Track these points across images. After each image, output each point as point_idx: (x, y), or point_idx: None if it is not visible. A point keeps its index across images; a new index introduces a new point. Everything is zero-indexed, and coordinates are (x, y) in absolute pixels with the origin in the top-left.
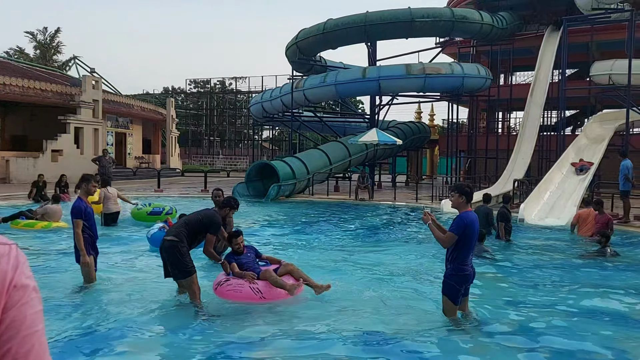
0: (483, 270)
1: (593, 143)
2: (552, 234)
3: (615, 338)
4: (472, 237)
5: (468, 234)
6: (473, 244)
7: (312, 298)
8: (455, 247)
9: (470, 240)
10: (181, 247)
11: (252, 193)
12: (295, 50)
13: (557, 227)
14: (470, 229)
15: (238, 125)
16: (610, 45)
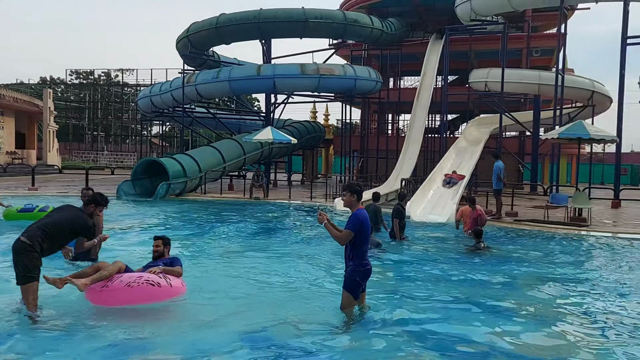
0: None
1: (471, 145)
2: (438, 230)
3: (484, 327)
4: (367, 233)
5: (363, 230)
6: (368, 239)
7: (203, 302)
8: (354, 244)
9: (366, 236)
10: (31, 250)
11: (139, 192)
12: (186, 43)
13: (439, 223)
14: (365, 225)
15: (125, 119)
16: (487, 54)
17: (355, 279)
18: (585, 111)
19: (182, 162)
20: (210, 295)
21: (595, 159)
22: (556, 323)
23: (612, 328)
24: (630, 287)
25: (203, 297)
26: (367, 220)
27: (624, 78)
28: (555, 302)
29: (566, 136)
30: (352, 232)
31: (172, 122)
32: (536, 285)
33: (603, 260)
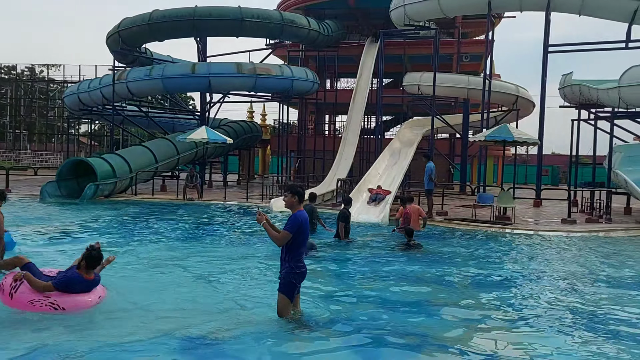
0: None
1: (405, 146)
2: (372, 230)
3: (415, 322)
4: (305, 235)
5: (302, 232)
6: (306, 242)
7: (130, 309)
8: (291, 245)
9: (304, 238)
10: None
11: (65, 193)
12: (117, 39)
13: (373, 224)
14: (304, 227)
15: (50, 117)
16: (420, 58)
17: (290, 281)
18: (510, 115)
19: (111, 162)
20: (138, 302)
21: (519, 160)
22: (481, 316)
23: (530, 317)
24: (546, 279)
25: (130, 304)
26: (306, 222)
27: (546, 84)
28: (480, 295)
29: (492, 138)
30: (290, 233)
31: (101, 121)
32: (461, 281)
33: (523, 256)
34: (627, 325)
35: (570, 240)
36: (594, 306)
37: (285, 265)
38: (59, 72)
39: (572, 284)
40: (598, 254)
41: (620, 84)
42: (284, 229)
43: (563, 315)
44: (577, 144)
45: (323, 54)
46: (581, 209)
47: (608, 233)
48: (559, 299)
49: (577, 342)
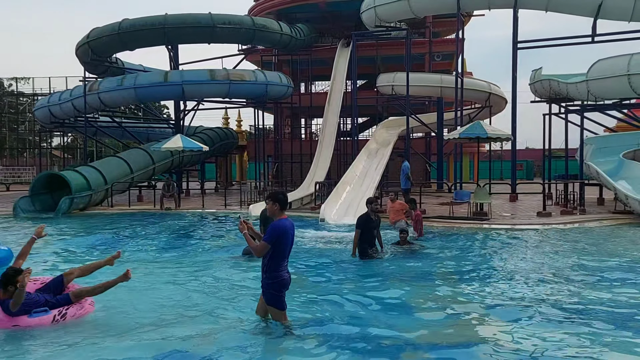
0: None
1: (381, 147)
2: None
3: (397, 323)
4: (286, 244)
5: (282, 241)
6: (287, 251)
7: (113, 319)
8: (270, 256)
9: (285, 247)
10: None
11: (40, 208)
12: (87, 50)
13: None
14: (284, 238)
15: (21, 131)
16: (392, 59)
17: (272, 293)
18: (483, 112)
19: (85, 174)
20: (120, 312)
21: (494, 156)
22: (462, 311)
23: (512, 309)
24: (525, 272)
25: (112, 314)
26: (286, 231)
27: (517, 80)
28: (460, 291)
29: (466, 136)
30: (269, 244)
31: (74, 133)
32: (441, 278)
33: (501, 251)
34: (610, 312)
35: (547, 232)
36: (576, 295)
37: (265, 276)
38: (28, 85)
39: (550, 275)
40: (574, 244)
41: (588, 78)
42: (263, 239)
43: (545, 307)
44: (550, 138)
45: (296, 57)
46: (556, 202)
47: (583, 224)
48: (538, 291)
49: (563, 331)
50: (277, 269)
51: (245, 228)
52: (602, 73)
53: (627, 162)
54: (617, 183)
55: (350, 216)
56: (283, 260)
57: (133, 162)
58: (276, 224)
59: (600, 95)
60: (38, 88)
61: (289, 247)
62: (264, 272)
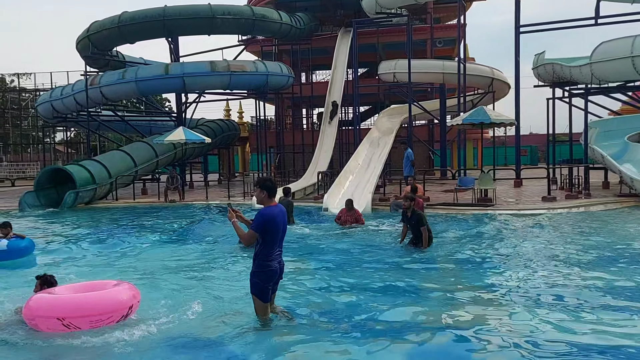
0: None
1: (384, 135)
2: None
3: (406, 308)
4: (276, 232)
5: (270, 229)
6: (277, 239)
7: None
8: (260, 243)
9: (274, 235)
10: None
11: (45, 203)
12: (87, 44)
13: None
14: (272, 224)
15: (25, 127)
16: (394, 46)
17: (255, 282)
18: (486, 97)
19: (89, 168)
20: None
21: (498, 142)
22: (470, 298)
23: (518, 296)
24: (532, 258)
25: None
26: (273, 218)
27: (519, 65)
28: (467, 278)
29: (469, 121)
30: (256, 232)
31: (77, 127)
32: (448, 264)
33: (507, 236)
34: (619, 295)
35: (552, 217)
36: (583, 279)
37: (253, 264)
38: (30, 80)
39: (557, 259)
40: (580, 228)
41: (591, 61)
42: (250, 227)
43: (554, 291)
44: (554, 122)
45: (296, 47)
46: (560, 186)
47: (588, 208)
48: (547, 275)
49: (572, 315)
50: (266, 258)
51: (234, 216)
52: (606, 55)
53: (632, 145)
54: (622, 166)
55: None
56: (273, 248)
57: (136, 155)
58: (263, 211)
59: (604, 78)
60: (40, 83)
61: (280, 234)
62: (254, 261)
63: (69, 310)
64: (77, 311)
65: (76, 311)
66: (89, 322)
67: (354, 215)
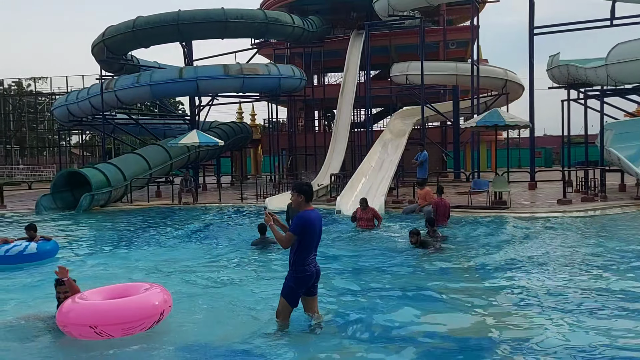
0: None
1: (396, 137)
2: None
3: (426, 312)
4: (313, 236)
5: (308, 233)
6: (314, 243)
7: None
8: (297, 247)
9: (311, 239)
10: None
11: (61, 205)
12: (102, 48)
13: None
14: (310, 228)
15: (41, 130)
16: (406, 48)
17: (289, 285)
18: (500, 99)
19: (105, 171)
20: None
21: (512, 144)
22: (486, 302)
23: (536, 300)
24: (548, 262)
25: None
26: (312, 222)
27: (534, 66)
28: (484, 282)
29: (483, 124)
30: (294, 235)
31: (92, 131)
32: (464, 268)
33: (522, 239)
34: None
35: (568, 220)
36: (600, 283)
37: (290, 269)
38: (46, 84)
39: (574, 263)
40: (596, 231)
41: (607, 62)
42: (289, 230)
43: (571, 296)
44: (569, 124)
45: (309, 50)
46: (576, 189)
47: (604, 211)
48: (565, 280)
49: (590, 321)
50: (303, 262)
51: (271, 219)
52: (622, 57)
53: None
54: (639, 168)
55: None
56: (310, 253)
57: (151, 158)
58: (302, 214)
59: (620, 79)
60: (56, 87)
61: (316, 239)
62: (290, 265)
63: (101, 317)
64: (110, 319)
65: (109, 319)
66: (121, 329)
67: (371, 213)
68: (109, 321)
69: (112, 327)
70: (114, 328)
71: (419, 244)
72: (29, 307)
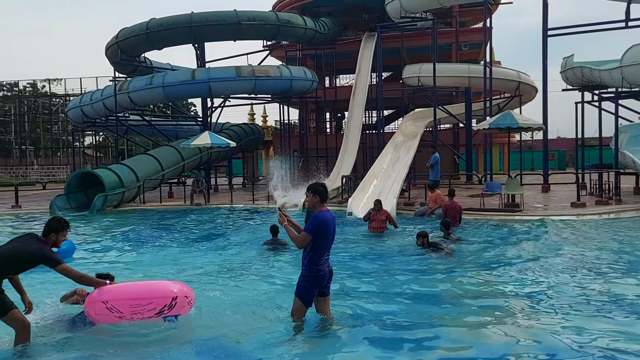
0: None
1: (408, 139)
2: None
3: (439, 315)
4: (327, 236)
5: (323, 233)
6: (328, 244)
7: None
8: (311, 247)
9: (326, 239)
10: None
11: (75, 206)
12: (116, 50)
13: None
14: (325, 229)
15: (55, 131)
16: (418, 50)
17: (304, 285)
18: (513, 101)
19: (118, 172)
20: None
21: (525, 146)
22: (499, 305)
23: (548, 305)
24: (561, 265)
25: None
26: (327, 223)
27: (547, 68)
28: (497, 284)
29: (496, 126)
30: (310, 234)
31: (105, 132)
32: (476, 271)
33: (535, 242)
34: None
35: (582, 223)
36: (615, 288)
37: (304, 268)
38: (60, 86)
39: (588, 267)
40: (611, 235)
41: (622, 64)
42: (304, 230)
43: (585, 300)
44: (582, 126)
45: (321, 51)
46: (590, 192)
47: (619, 214)
48: (579, 284)
49: (610, 326)
50: (317, 262)
51: (285, 220)
52: (637, 59)
53: None
54: None
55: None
56: (324, 253)
57: (163, 159)
58: (317, 214)
59: (635, 81)
60: (70, 89)
61: (330, 239)
62: (304, 264)
63: (112, 293)
64: (119, 294)
65: (118, 294)
66: (129, 305)
67: (384, 215)
68: (118, 296)
69: (121, 302)
70: (122, 304)
71: (427, 245)
72: (45, 305)
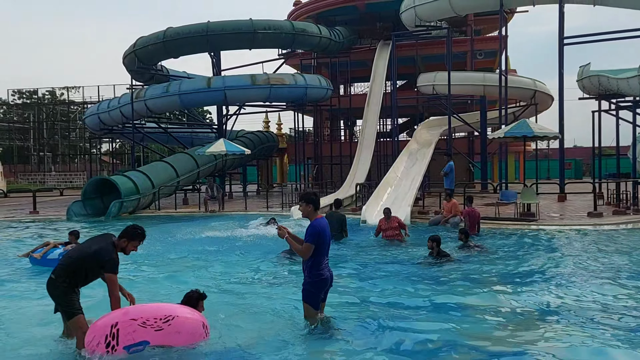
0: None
1: (422, 147)
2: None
3: (453, 327)
4: (325, 242)
5: (322, 241)
6: (326, 249)
7: None
8: (313, 254)
9: (324, 245)
10: (59, 284)
11: (91, 212)
12: (133, 58)
13: None
14: (323, 235)
15: (72, 138)
16: (433, 58)
17: (309, 290)
18: (529, 110)
19: (134, 178)
20: None
21: (541, 155)
22: (514, 315)
23: (564, 316)
24: (577, 275)
25: None
26: (325, 230)
27: (563, 77)
28: (511, 295)
29: (512, 135)
30: (312, 244)
31: (122, 139)
32: (490, 280)
33: (550, 252)
34: None
35: (599, 233)
36: (633, 300)
37: (306, 274)
38: (78, 93)
39: (605, 278)
40: (629, 245)
41: None
42: (304, 240)
43: (600, 311)
44: (599, 135)
45: (335, 60)
46: (607, 202)
47: (637, 224)
48: (595, 295)
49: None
50: (319, 268)
51: (285, 233)
52: None
53: None
54: None
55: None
56: (323, 258)
57: (179, 166)
58: (314, 223)
59: None
60: (88, 96)
61: (328, 244)
62: (306, 271)
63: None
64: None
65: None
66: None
67: (396, 222)
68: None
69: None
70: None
71: (437, 253)
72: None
